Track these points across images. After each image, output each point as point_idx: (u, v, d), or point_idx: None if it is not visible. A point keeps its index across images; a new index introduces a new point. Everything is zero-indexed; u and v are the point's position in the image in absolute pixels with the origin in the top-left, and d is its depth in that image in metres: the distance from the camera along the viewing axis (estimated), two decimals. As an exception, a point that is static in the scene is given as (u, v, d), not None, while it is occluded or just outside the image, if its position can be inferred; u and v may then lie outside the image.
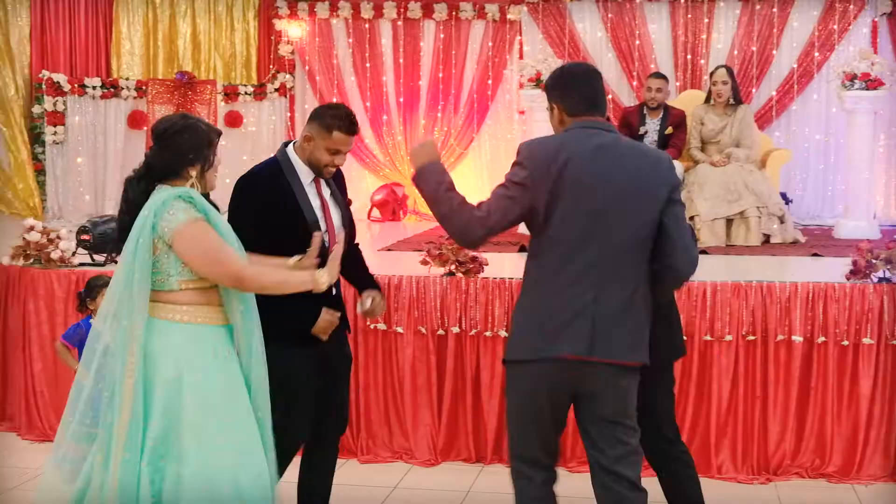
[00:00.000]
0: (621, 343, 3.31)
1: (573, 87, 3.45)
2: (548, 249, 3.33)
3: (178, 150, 3.34)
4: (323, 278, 3.42)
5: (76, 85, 9.82)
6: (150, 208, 3.25)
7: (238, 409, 3.31)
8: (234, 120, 10.30)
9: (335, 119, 3.85)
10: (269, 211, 3.83)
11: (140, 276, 3.23)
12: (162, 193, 3.29)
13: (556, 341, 3.27)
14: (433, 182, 3.42)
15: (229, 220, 3.61)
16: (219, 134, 3.46)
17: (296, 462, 4.08)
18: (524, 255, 7.19)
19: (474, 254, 5.59)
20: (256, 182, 3.91)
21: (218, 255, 3.27)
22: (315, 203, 3.92)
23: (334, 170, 3.95)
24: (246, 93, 10.47)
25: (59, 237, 6.08)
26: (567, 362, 3.28)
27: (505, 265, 6.25)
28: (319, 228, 3.83)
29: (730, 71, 8.22)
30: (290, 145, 3.97)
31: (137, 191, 3.34)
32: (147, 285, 3.25)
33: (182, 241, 3.23)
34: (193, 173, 3.35)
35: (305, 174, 3.92)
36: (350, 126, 3.87)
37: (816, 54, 9.80)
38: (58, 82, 9.75)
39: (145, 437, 3.18)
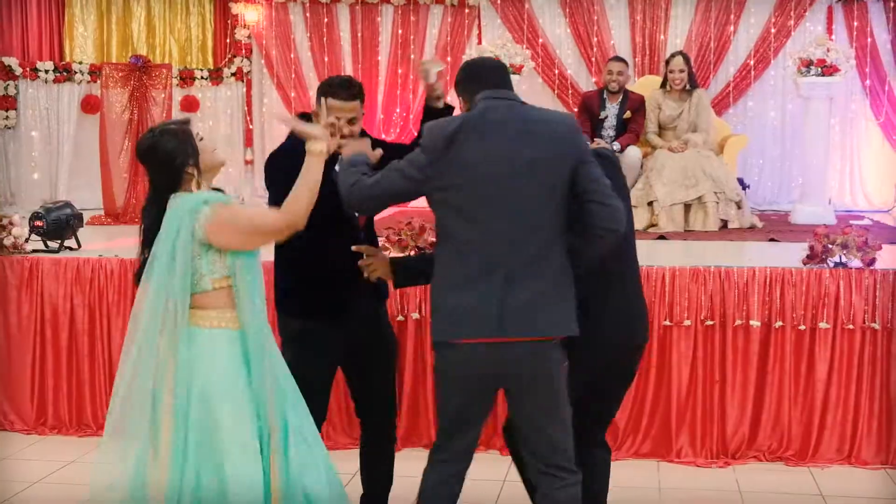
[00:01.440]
0: (539, 318, 3.28)
1: (482, 76, 3.50)
2: (453, 231, 3.32)
3: (166, 163, 3.34)
4: (316, 145, 3.37)
5: (28, 69, 9.65)
6: (178, 216, 3.26)
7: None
8: (190, 105, 10.18)
9: (327, 87, 3.86)
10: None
11: (182, 285, 3.24)
12: (185, 200, 3.29)
13: (465, 325, 3.27)
14: (349, 165, 3.48)
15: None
16: (187, 121, 3.46)
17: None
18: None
19: (434, 239, 5.55)
20: (283, 157, 3.85)
21: (253, 220, 3.35)
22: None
23: (346, 140, 3.78)
24: (202, 77, 10.36)
25: (11, 223, 5.98)
26: (483, 346, 3.27)
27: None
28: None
29: (686, 58, 8.25)
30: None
31: (153, 216, 3.36)
32: (188, 294, 3.26)
33: (217, 229, 3.25)
34: (193, 171, 3.36)
35: None
36: (341, 91, 3.83)
37: (773, 40, 9.87)
38: (9, 66, 9.57)
39: (187, 445, 3.20)
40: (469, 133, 3.30)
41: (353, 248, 3.80)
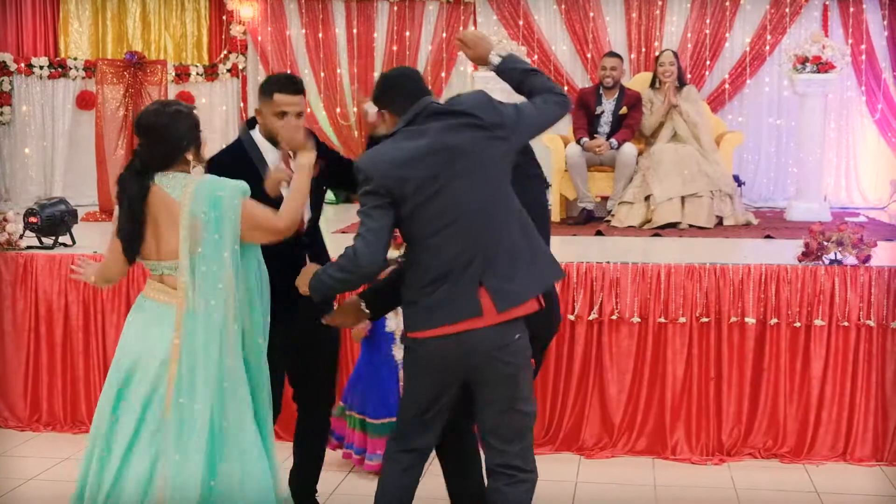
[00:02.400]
0: (531, 280, 3.42)
1: (397, 90, 3.53)
2: (418, 237, 3.37)
3: (171, 140, 3.42)
4: (304, 158, 3.63)
5: (23, 64, 9.62)
6: (230, 197, 3.37)
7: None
8: (185, 101, 10.14)
9: (273, 83, 3.88)
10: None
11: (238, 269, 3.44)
12: (201, 186, 3.37)
13: (446, 315, 3.34)
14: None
15: None
16: (194, 108, 3.56)
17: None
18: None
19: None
20: (220, 169, 3.74)
21: (268, 217, 3.50)
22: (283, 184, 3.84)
23: (283, 123, 3.81)
24: (197, 73, 10.33)
25: (6, 219, 5.97)
26: (456, 336, 3.34)
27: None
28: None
29: (675, 54, 8.27)
30: (256, 126, 3.96)
31: (136, 187, 3.39)
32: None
33: (245, 218, 3.41)
34: (191, 157, 3.45)
35: (272, 153, 3.90)
36: (289, 85, 3.86)
37: (769, 37, 9.86)
38: (3, 62, 9.54)
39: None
40: (404, 154, 3.36)
41: (324, 320, 3.81)
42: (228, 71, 10.49)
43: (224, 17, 10.57)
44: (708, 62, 9.94)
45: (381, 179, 3.31)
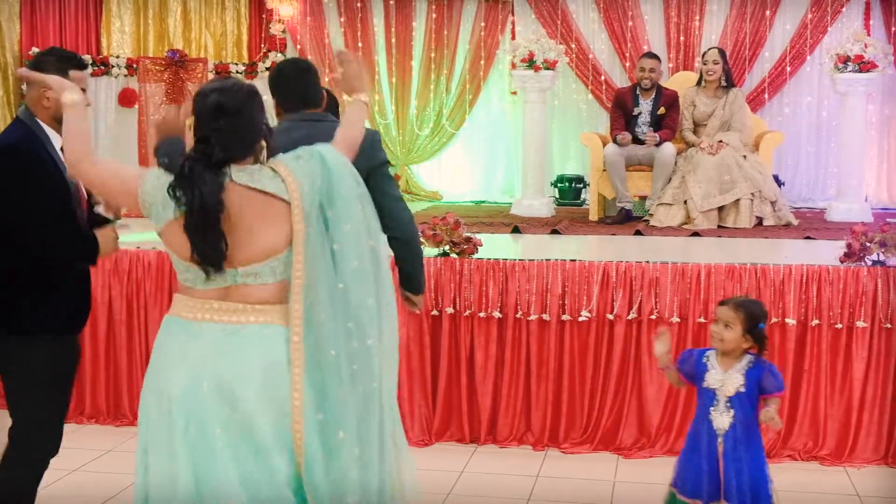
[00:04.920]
0: None
1: (284, 87, 3.74)
2: None
3: (256, 124, 2.90)
4: (69, 95, 3.05)
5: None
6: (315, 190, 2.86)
7: None
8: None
9: (62, 61, 3.60)
10: (45, 181, 3.53)
11: None
12: (290, 162, 2.87)
13: None
14: None
15: (6, 201, 3.47)
16: None
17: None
18: (518, 236, 7.25)
19: (468, 234, 5.58)
20: (25, 152, 3.54)
21: None
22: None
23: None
24: (237, 71, 10.39)
25: (50, 216, 6.04)
26: None
27: (498, 246, 6.26)
28: (76, 196, 3.62)
29: (722, 53, 8.21)
30: (28, 110, 3.65)
31: (214, 182, 2.78)
32: None
33: None
34: (264, 145, 2.92)
35: (56, 139, 3.59)
36: (80, 62, 3.68)
37: (809, 36, 9.79)
38: (47, 60, 9.67)
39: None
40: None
41: None
42: (267, 69, 10.54)
43: (264, 16, 10.64)
44: (747, 61, 9.89)
45: None
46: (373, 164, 3.67)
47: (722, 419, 3.74)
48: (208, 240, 2.76)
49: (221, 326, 2.84)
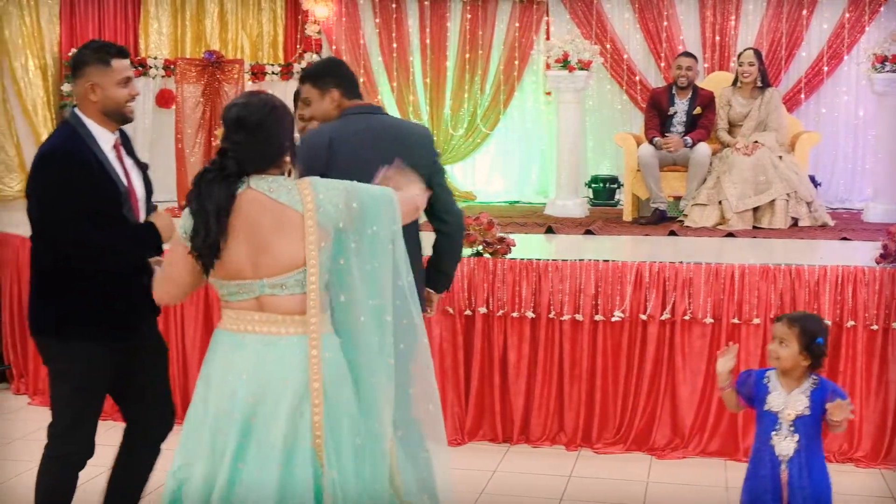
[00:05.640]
0: None
1: (347, 73, 3.79)
2: None
3: (277, 139, 2.97)
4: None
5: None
6: (391, 210, 2.98)
7: None
8: (260, 100, 10.29)
9: (102, 51, 3.59)
10: (89, 188, 3.49)
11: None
12: (318, 184, 2.93)
13: None
14: None
15: (39, 204, 3.48)
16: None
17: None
18: (551, 237, 7.25)
19: (502, 234, 5.60)
20: (68, 154, 3.50)
21: None
22: (119, 171, 3.61)
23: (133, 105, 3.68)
24: (273, 72, 10.48)
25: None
26: None
27: (532, 246, 6.27)
28: (128, 201, 3.61)
29: (757, 53, 8.16)
30: (77, 110, 3.63)
31: (225, 191, 2.86)
32: None
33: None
34: (288, 159, 2.99)
35: (105, 139, 3.60)
36: (120, 50, 3.62)
37: (846, 36, 9.71)
38: (86, 61, 9.78)
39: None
40: (340, 138, 3.58)
41: None
42: (303, 69, 10.61)
43: (300, 17, 10.71)
44: (784, 61, 9.82)
45: None
46: (434, 160, 3.76)
47: (785, 444, 3.53)
48: (209, 247, 2.85)
49: (261, 338, 2.91)
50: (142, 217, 3.67)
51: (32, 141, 9.61)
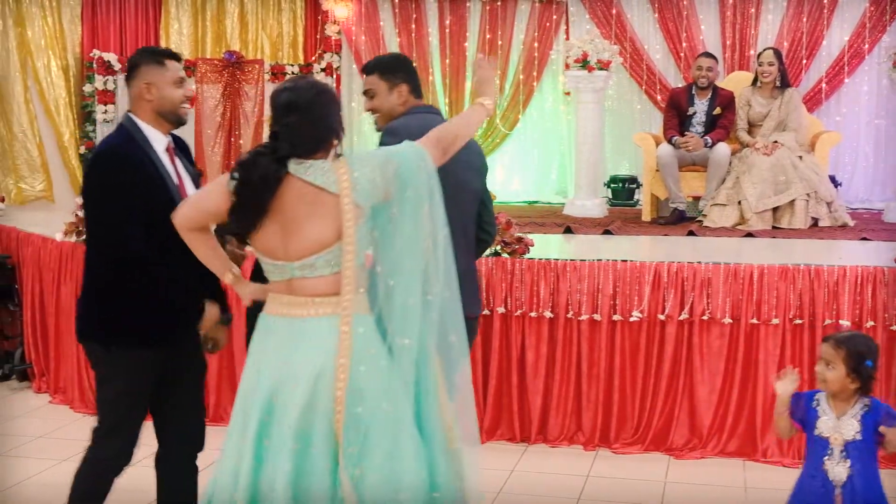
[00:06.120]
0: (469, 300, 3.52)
1: (413, 71, 3.82)
2: None
3: (328, 121, 2.98)
4: (245, 289, 3.14)
5: (126, 64, 9.90)
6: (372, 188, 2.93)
7: None
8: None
9: (156, 53, 3.61)
10: (143, 191, 3.45)
11: None
12: (355, 162, 2.94)
13: None
14: None
15: (90, 205, 3.45)
16: None
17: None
18: (569, 237, 7.23)
19: (520, 234, 5.61)
20: (122, 156, 3.47)
21: None
22: (172, 175, 3.58)
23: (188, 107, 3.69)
24: (293, 72, 10.51)
25: (110, 214, 6.17)
26: None
27: (550, 246, 6.27)
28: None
29: (777, 53, 8.13)
30: (130, 114, 3.61)
31: (273, 173, 2.90)
32: None
33: None
34: (337, 144, 2.99)
35: (159, 141, 3.57)
36: (173, 53, 3.64)
37: (868, 35, 9.66)
38: (108, 62, 9.85)
39: None
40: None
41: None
42: (323, 70, 10.66)
43: (319, 18, 10.74)
44: (804, 61, 9.79)
45: None
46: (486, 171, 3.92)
47: (838, 470, 3.38)
48: (246, 225, 2.92)
49: (289, 321, 2.96)
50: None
51: (54, 141, 9.70)
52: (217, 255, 3.18)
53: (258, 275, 3.19)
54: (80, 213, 6.12)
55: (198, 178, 3.76)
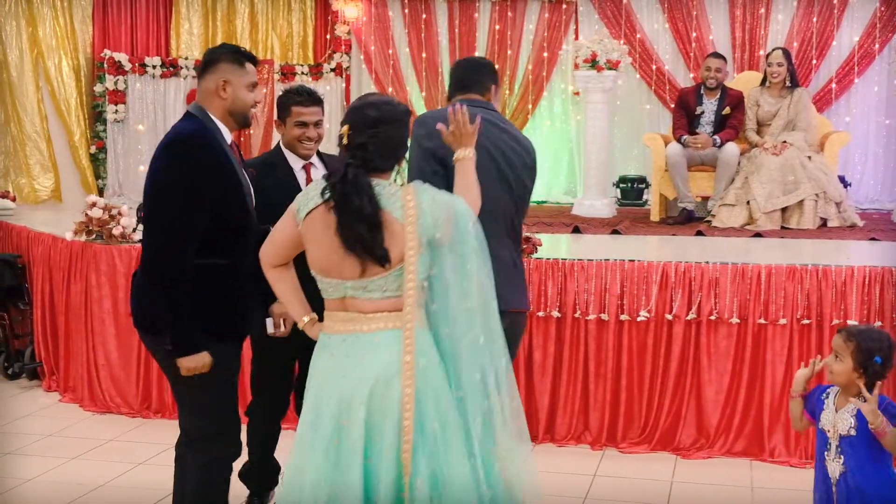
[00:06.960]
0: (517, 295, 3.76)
1: (453, 72, 3.90)
2: None
3: (400, 139, 3.03)
4: (312, 329, 3.20)
5: (137, 64, 9.97)
6: (435, 214, 2.95)
7: None
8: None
9: (237, 53, 3.57)
10: (216, 184, 3.42)
11: None
12: (423, 194, 2.97)
13: None
14: None
15: (162, 201, 3.37)
16: None
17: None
18: (578, 236, 7.23)
19: (528, 234, 5.61)
20: (200, 147, 3.41)
21: None
22: (238, 168, 3.55)
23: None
24: (302, 73, 10.56)
25: (120, 213, 6.20)
26: None
27: (558, 246, 6.28)
28: (251, 206, 3.58)
29: (786, 53, 8.12)
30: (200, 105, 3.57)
31: (368, 188, 2.92)
32: None
33: None
34: (402, 165, 3.04)
35: (227, 135, 3.55)
36: (252, 56, 3.63)
37: (878, 35, 9.64)
38: (119, 61, 9.90)
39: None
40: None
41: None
42: (332, 70, 10.69)
43: (329, 18, 10.78)
44: (814, 61, 9.78)
45: None
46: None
47: (833, 466, 3.32)
48: (370, 242, 2.89)
49: (342, 337, 3.00)
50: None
51: (65, 141, 9.75)
52: (297, 296, 3.21)
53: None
54: (90, 213, 6.16)
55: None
